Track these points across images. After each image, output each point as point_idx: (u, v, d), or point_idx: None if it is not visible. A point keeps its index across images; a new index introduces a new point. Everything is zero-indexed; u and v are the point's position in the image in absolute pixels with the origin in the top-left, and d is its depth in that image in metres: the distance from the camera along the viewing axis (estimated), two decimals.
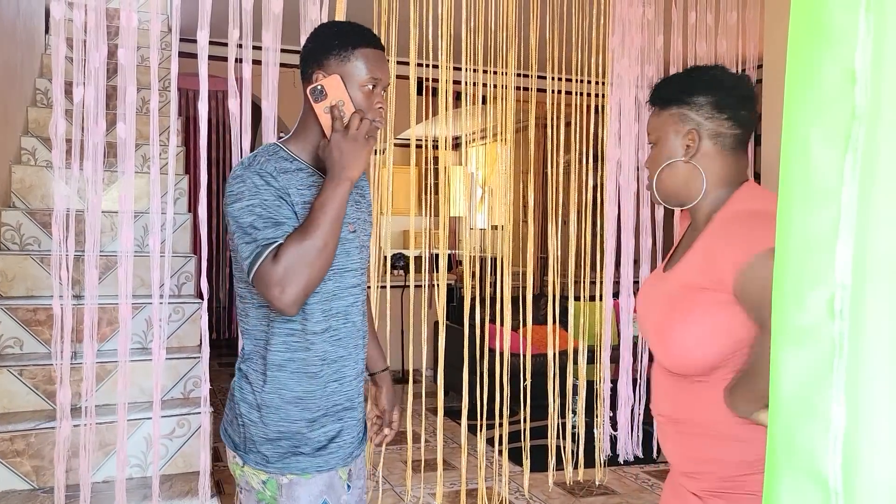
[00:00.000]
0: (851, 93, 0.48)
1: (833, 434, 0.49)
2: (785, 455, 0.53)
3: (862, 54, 0.47)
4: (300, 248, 1.44)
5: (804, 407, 0.52)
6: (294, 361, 1.56)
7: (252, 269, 1.44)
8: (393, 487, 3.69)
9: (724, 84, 1.45)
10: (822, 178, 0.50)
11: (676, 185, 1.47)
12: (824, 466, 0.50)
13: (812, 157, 0.51)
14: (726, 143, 1.44)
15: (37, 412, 2.82)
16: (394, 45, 2.87)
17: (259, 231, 1.45)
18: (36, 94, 4.24)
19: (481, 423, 3.39)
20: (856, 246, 0.49)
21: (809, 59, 0.51)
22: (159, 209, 2.23)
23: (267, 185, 1.50)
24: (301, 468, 1.54)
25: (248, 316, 1.61)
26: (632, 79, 3.13)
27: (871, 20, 0.46)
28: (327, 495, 1.57)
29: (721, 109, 1.43)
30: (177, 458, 2.88)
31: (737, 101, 1.44)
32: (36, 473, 2.67)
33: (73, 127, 2.21)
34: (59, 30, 2.17)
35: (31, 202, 3.64)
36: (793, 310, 0.53)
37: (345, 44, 1.56)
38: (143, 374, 2.90)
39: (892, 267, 0.48)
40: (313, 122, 1.60)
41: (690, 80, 1.48)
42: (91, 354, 2.21)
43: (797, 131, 0.53)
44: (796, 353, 0.53)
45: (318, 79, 1.56)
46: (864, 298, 0.49)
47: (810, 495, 0.51)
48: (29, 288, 3.25)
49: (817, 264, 0.51)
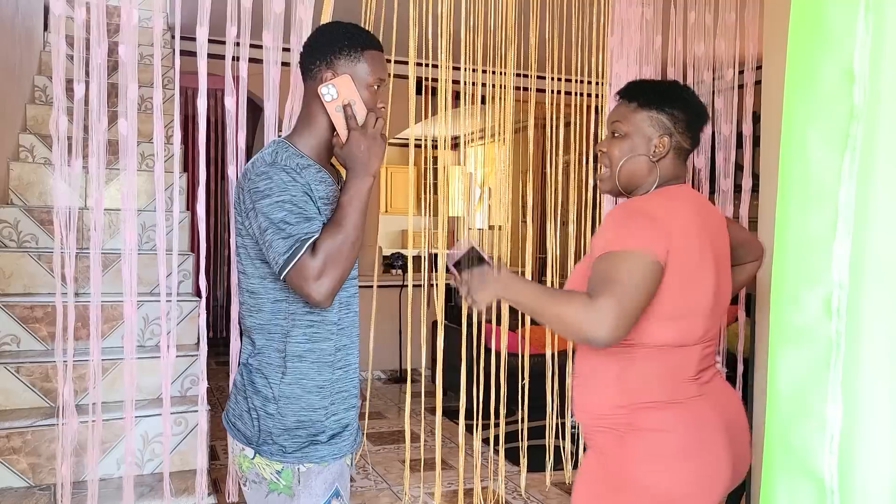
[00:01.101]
0: (850, 92, 0.48)
1: (829, 433, 0.49)
2: (781, 454, 0.53)
3: (860, 54, 0.47)
4: (335, 242, 1.50)
5: (800, 406, 0.52)
6: (314, 352, 1.62)
7: (290, 263, 1.48)
8: (390, 486, 3.70)
9: (697, 108, 1.70)
10: (820, 177, 0.50)
11: (633, 176, 1.68)
12: (820, 465, 0.50)
13: (810, 157, 0.51)
14: (681, 155, 1.69)
15: (33, 409, 2.82)
16: (393, 45, 2.87)
17: (292, 226, 1.50)
18: (34, 91, 4.24)
19: (479, 423, 3.40)
20: (853, 245, 0.48)
21: (808, 59, 0.51)
22: (163, 206, 2.23)
23: (293, 181, 1.53)
24: (319, 456, 1.60)
25: (261, 311, 1.64)
26: (631, 78, 3.13)
27: (871, 20, 0.46)
28: (339, 482, 1.63)
29: (689, 128, 1.67)
30: (173, 456, 2.88)
31: (697, 122, 1.69)
32: (32, 471, 2.67)
33: (74, 125, 2.21)
34: (59, 27, 2.17)
35: (29, 199, 3.64)
36: (790, 309, 0.53)
37: (354, 45, 1.62)
38: (141, 371, 2.90)
39: (889, 266, 0.48)
40: (319, 120, 1.64)
41: (673, 92, 1.70)
42: (96, 352, 2.21)
43: (795, 131, 0.53)
44: (793, 352, 0.52)
45: (327, 78, 1.61)
46: (861, 297, 0.49)
47: (806, 494, 0.51)
48: (26, 285, 3.25)
49: (814, 264, 0.51)
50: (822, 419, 0.51)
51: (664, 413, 1.57)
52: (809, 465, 0.51)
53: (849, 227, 0.49)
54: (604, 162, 1.72)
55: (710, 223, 1.68)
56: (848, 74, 0.49)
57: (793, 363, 0.53)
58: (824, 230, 0.51)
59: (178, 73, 2.29)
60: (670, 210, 1.60)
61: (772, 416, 0.55)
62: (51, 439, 2.65)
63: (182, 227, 3.82)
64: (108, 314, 3.06)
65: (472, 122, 3.59)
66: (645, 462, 1.56)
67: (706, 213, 1.70)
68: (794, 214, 0.53)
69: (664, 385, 1.59)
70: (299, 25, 2.34)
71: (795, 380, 0.53)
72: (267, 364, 1.62)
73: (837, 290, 0.50)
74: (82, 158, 2.24)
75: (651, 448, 1.56)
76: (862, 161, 0.49)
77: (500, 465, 3.47)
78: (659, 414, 1.57)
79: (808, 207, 0.52)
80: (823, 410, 0.51)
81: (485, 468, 3.66)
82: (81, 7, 2.19)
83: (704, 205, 1.74)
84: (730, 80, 3.11)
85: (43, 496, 2.57)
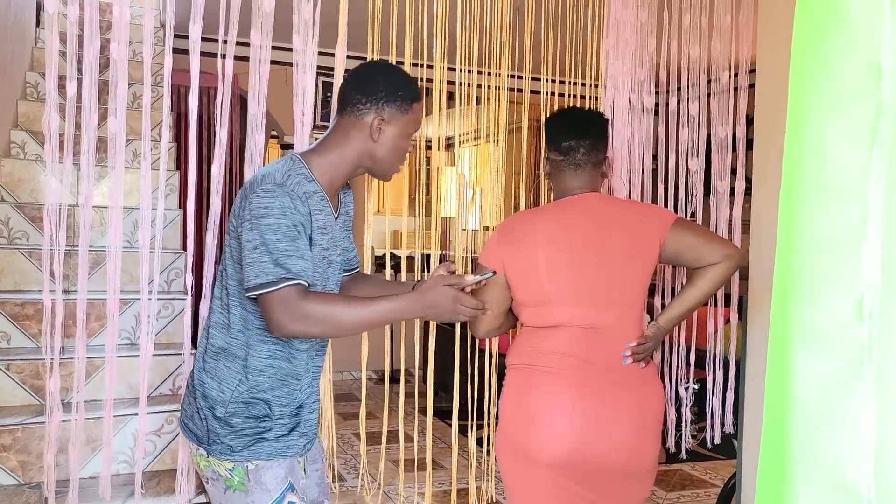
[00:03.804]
0: (877, 88, 0.46)
1: (863, 441, 0.47)
2: (805, 465, 0.50)
3: (889, 48, 0.45)
4: (338, 315, 1.54)
5: (828, 413, 0.49)
6: (273, 368, 1.64)
7: (271, 286, 1.50)
8: (382, 487, 3.69)
9: (555, 129, 2.13)
10: (841, 174, 0.48)
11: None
12: (854, 476, 0.47)
13: (830, 154, 0.49)
14: (561, 167, 2.08)
15: (24, 407, 2.80)
16: (392, 45, 2.86)
17: (285, 257, 1.51)
18: (26, 87, 4.21)
19: (472, 423, 3.39)
20: (884, 245, 0.46)
21: (825, 55, 0.49)
22: (150, 204, 2.22)
23: (295, 209, 1.54)
24: (266, 453, 1.62)
25: (229, 312, 1.65)
26: (626, 80, 3.13)
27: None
28: (291, 477, 1.65)
29: (552, 143, 2.11)
30: (164, 455, 2.87)
31: (563, 138, 2.08)
32: (22, 468, 2.65)
33: (66, 122, 2.20)
34: (52, 24, 2.15)
35: (20, 196, 3.61)
36: (810, 311, 0.50)
37: (407, 97, 1.66)
38: (131, 370, 2.89)
39: None
40: (354, 153, 1.67)
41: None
42: (81, 349, 2.20)
43: (810, 127, 0.50)
44: (817, 356, 0.50)
45: (374, 124, 1.64)
46: (891, 298, 0.46)
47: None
48: (17, 282, 3.23)
49: (839, 264, 0.48)
50: (854, 427, 0.48)
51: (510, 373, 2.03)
52: (841, 477, 0.48)
53: (879, 225, 0.46)
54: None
55: (574, 227, 1.99)
56: (875, 69, 0.46)
57: (817, 368, 0.50)
58: (849, 229, 0.48)
59: (169, 71, 2.27)
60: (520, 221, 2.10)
61: (791, 425, 0.52)
62: (41, 437, 2.63)
63: (175, 226, 3.80)
64: (98, 312, 3.05)
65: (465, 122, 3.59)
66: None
67: (572, 218, 2.02)
68: (808, 213, 0.51)
69: (521, 352, 2.03)
70: (304, 26, 2.33)
71: (821, 386, 0.50)
72: (225, 367, 1.63)
73: (869, 292, 0.47)
74: (73, 155, 2.23)
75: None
76: (892, 157, 0.46)
77: (491, 465, 3.47)
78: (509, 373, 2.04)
79: (828, 205, 0.49)
80: (855, 418, 0.48)
81: (477, 468, 3.65)
82: (74, 4, 2.18)
83: (583, 211, 2.04)
84: (725, 82, 3.11)
85: (33, 494, 2.56)
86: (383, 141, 1.65)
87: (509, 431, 1.99)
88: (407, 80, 1.69)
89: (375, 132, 1.64)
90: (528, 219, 2.08)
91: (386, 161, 1.68)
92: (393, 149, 1.67)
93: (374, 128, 1.64)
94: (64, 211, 2.17)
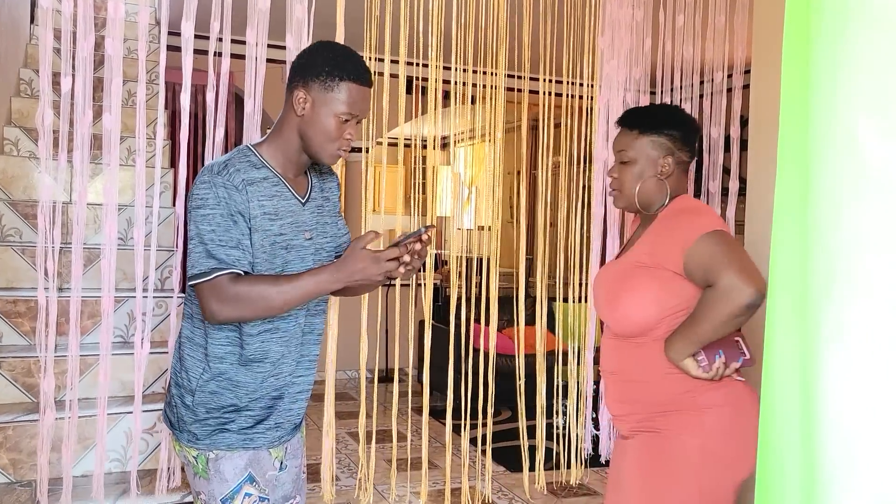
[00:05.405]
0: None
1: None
2: (843, 476, 0.47)
3: None
4: (263, 294, 1.54)
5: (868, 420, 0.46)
6: (234, 354, 1.66)
7: (203, 276, 1.53)
8: (376, 486, 3.69)
9: (690, 124, 1.89)
10: (877, 169, 0.46)
11: (648, 195, 1.85)
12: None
13: (861, 147, 0.47)
14: (684, 168, 1.88)
15: (15, 405, 2.79)
16: (387, 43, 2.86)
17: (218, 247, 1.54)
18: (20, 84, 4.19)
19: (466, 423, 3.39)
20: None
21: (853, 45, 0.47)
22: (143, 202, 2.21)
23: (230, 198, 1.56)
24: (227, 444, 1.65)
25: (192, 302, 1.69)
26: (620, 80, 3.13)
27: None
28: (252, 468, 1.67)
29: (687, 143, 1.85)
30: (157, 453, 2.85)
31: (693, 136, 1.88)
32: (13, 466, 2.64)
33: (60, 119, 2.19)
34: (46, 20, 2.15)
35: (13, 193, 3.60)
36: (837, 309, 0.48)
37: (333, 73, 1.61)
38: (124, 367, 2.87)
39: None
40: (291, 132, 1.66)
41: (667, 115, 1.88)
42: (75, 347, 2.19)
43: (833, 120, 0.48)
44: (846, 354, 0.47)
45: (299, 97, 1.62)
46: None
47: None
48: (9, 279, 3.22)
49: (875, 261, 0.46)
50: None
51: (717, 392, 1.75)
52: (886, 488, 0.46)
53: None
54: (614, 186, 1.89)
55: None
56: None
57: (850, 366, 0.48)
58: (878, 224, 0.46)
59: (164, 68, 2.27)
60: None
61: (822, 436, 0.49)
62: (32, 435, 2.62)
63: (169, 224, 3.79)
64: (92, 309, 3.03)
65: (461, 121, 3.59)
66: (715, 433, 1.75)
67: None
68: (835, 208, 0.48)
69: None
70: (297, 25, 2.32)
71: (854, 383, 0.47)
72: (190, 356, 1.68)
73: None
74: (68, 152, 2.22)
75: (719, 421, 1.75)
76: None
77: (487, 464, 3.47)
78: (714, 393, 1.75)
79: (860, 200, 0.47)
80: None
81: (471, 468, 3.66)
82: (69, 0, 2.17)
83: None
84: (719, 83, 3.12)
85: (24, 492, 2.55)
86: (309, 117, 1.62)
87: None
88: (340, 59, 1.62)
89: (298, 106, 1.62)
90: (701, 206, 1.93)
91: (314, 140, 1.63)
92: (320, 128, 1.62)
93: (297, 100, 1.61)
94: (58, 208, 2.17)
